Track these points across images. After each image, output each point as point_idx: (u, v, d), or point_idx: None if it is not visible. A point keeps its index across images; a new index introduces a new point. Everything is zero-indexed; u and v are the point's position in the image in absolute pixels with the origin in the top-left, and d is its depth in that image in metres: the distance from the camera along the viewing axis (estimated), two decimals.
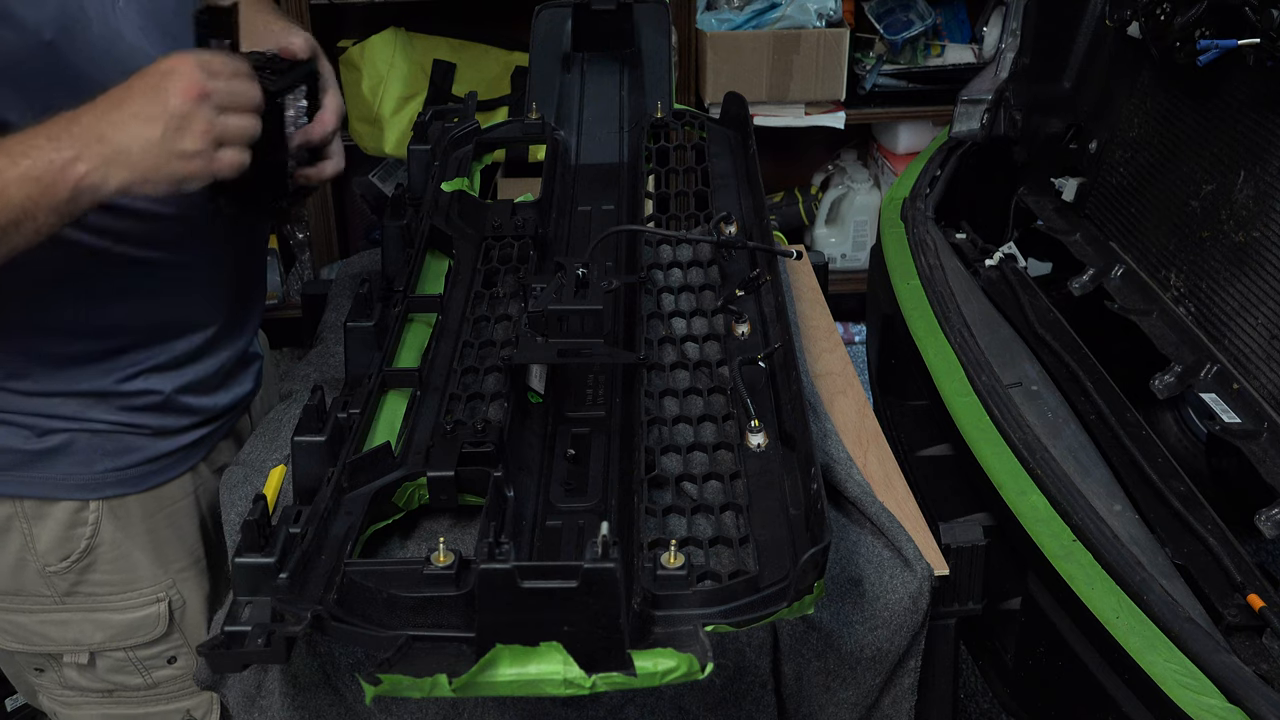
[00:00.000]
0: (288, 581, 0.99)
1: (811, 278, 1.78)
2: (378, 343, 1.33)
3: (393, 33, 3.19)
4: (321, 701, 1.17)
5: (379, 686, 0.89)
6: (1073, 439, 1.59)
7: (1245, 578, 1.35)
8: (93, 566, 1.33)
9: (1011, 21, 2.15)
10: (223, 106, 1.09)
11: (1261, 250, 1.64)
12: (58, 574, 1.32)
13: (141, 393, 1.32)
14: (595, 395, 1.30)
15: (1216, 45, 1.64)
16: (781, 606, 0.95)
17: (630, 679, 0.90)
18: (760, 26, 3.18)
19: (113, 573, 1.34)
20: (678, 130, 1.73)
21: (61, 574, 1.32)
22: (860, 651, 1.19)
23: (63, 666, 1.38)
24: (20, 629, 1.35)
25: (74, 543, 1.31)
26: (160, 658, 1.40)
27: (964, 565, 1.28)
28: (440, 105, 1.83)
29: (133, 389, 1.31)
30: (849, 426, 1.43)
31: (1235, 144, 1.73)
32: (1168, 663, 1.23)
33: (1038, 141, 2.14)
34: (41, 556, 1.31)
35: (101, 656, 1.37)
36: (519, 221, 1.51)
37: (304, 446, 1.16)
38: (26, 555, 1.30)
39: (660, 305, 1.39)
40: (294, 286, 3.46)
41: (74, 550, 1.31)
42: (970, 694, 2.30)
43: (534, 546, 1.11)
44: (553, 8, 1.89)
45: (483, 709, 1.17)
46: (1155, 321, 1.79)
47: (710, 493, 1.12)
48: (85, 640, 1.36)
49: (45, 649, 1.37)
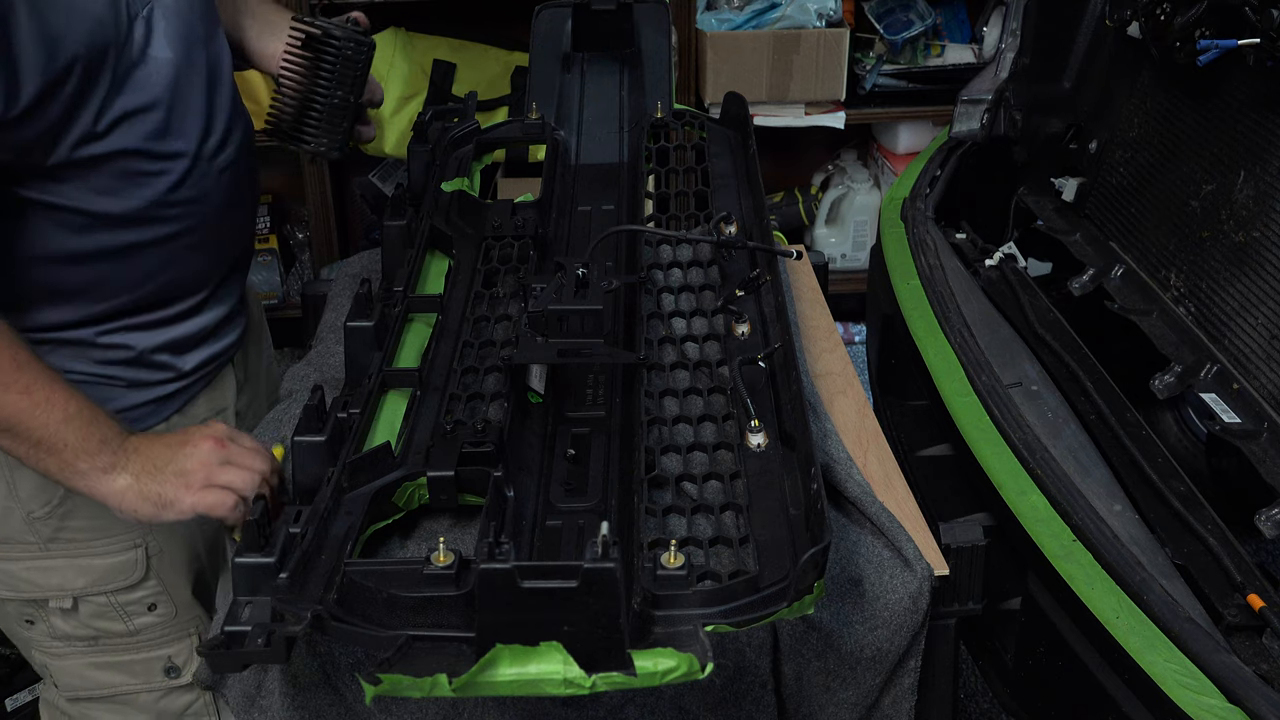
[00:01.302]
0: (288, 581, 0.99)
1: (811, 278, 1.78)
2: (378, 343, 1.33)
3: (393, 33, 3.18)
4: (321, 701, 1.17)
5: (379, 686, 0.89)
6: (1073, 439, 1.59)
7: (1245, 578, 1.35)
8: (73, 513, 1.38)
9: (1011, 21, 2.15)
10: (231, 460, 1.22)
11: (1261, 250, 1.64)
12: (41, 520, 1.38)
13: (116, 346, 1.37)
14: (595, 395, 1.30)
15: (1216, 45, 1.64)
16: (781, 606, 0.95)
17: (630, 679, 0.90)
18: (760, 26, 3.18)
19: (91, 518, 1.38)
20: (678, 130, 1.73)
21: (44, 520, 1.37)
22: (860, 651, 1.19)
23: (49, 614, 1.44)
24: (9, 576, 1.42)
25: (54, 488, 1.35)
26: (140, 604, 1.45)
27: (964, 565, 1.28)
28: (440, 105, 1.83)
29: (109, 342, 1.36)
30: (849, 426, 1.43)
31: (1235, 144, 1.73)
32: (1168, 663, 1.23)
33: (1038, 141, 2.14)
34: (25, 503, 1.36)
35: (84, 602, 1.43)
36: (519, 221, 1.51)
37: (304, 446, 1.16)
38: (11, 503, 1.36)
39: (660, 305, 1.39)
40: (294, 286, 3.46)
41: (54, 495, 1.36)
42: (970, 694, 2.30)
43: (534, 546, 1.11)
44: (553, 8, 1.89)
45: (483, 709, 1.17)
46: (1155, 321, 1.79)
47: (710, 493, 1.12)
48: (69, 586, 1.41)
49: (32, 595, 1.43)
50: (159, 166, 1.30)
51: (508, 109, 3.16)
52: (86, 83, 1.20)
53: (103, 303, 1.35)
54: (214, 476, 1.21)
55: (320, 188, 3.36)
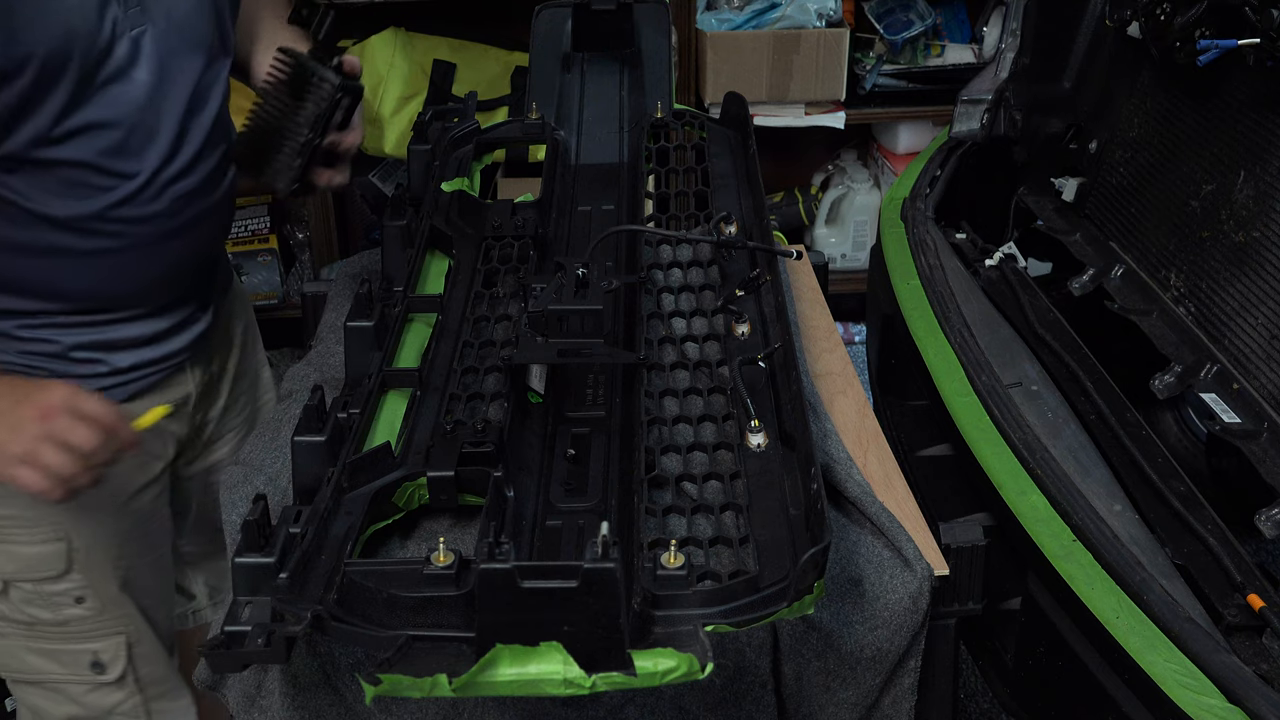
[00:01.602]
0: (288, 581, 0.99)
1: (811, 278, 1.78)
2: (378, 343, 1.33)
3: (393, 33, 3.18)
4: (321, 701, 1.17)
5: (379, 686, 0.89)
6: (1073, 439, 1.59)
7: (1245, 578, 1.35)
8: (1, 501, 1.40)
9: (1011, 21, 2.15)
10: (54, 435, 1.19)
11: (1261, 250, 1.64)
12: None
13: (38, 340, 1.37)
14: (595, 395, 1.30)
15: (1216, 45, 1.64)
16: (781, 606, 0.95)
17: (630, 679, 0.90)
18: (760, 26, 3.18)
19: (15, 508, 1.40)
20: (678, 130, 1.73)
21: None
22: (860, 651, 1.19)
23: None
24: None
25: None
26: (66, 595, 1.47)
27: (964, 565, 1.28)
28: (440, 105, 1.83)
29: (30, 336, 1.37)
30: (849, 426, 1.43)
31: (1235, 144, 1.73)
32: (1168, 663, 1.23)
33: (1038, 141, 2.14)
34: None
35: (14, 587, 1.46)
36: (519, 221, 1.51)
37: (304, 446, 1.16)
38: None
39: (660, 305, 1.39)
40: (294, 286, 3.46)
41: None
42: (970, 694, 2.30)
43: (534, 546, 1.11)
44: (553, 8, 1.89)
45: (483, 709, 1.17)
46: (1155, 321, 1.79)
47: (710, 493, 1.12)
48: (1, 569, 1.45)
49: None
50: (108, 182, 1.31)
51: (508, 109, 3.16)
52: (42, 85, 1.20)
53: (27, 298, 1.35)
54: (31, 453, 1.18)
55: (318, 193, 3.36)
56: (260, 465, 1.34)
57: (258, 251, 3.42)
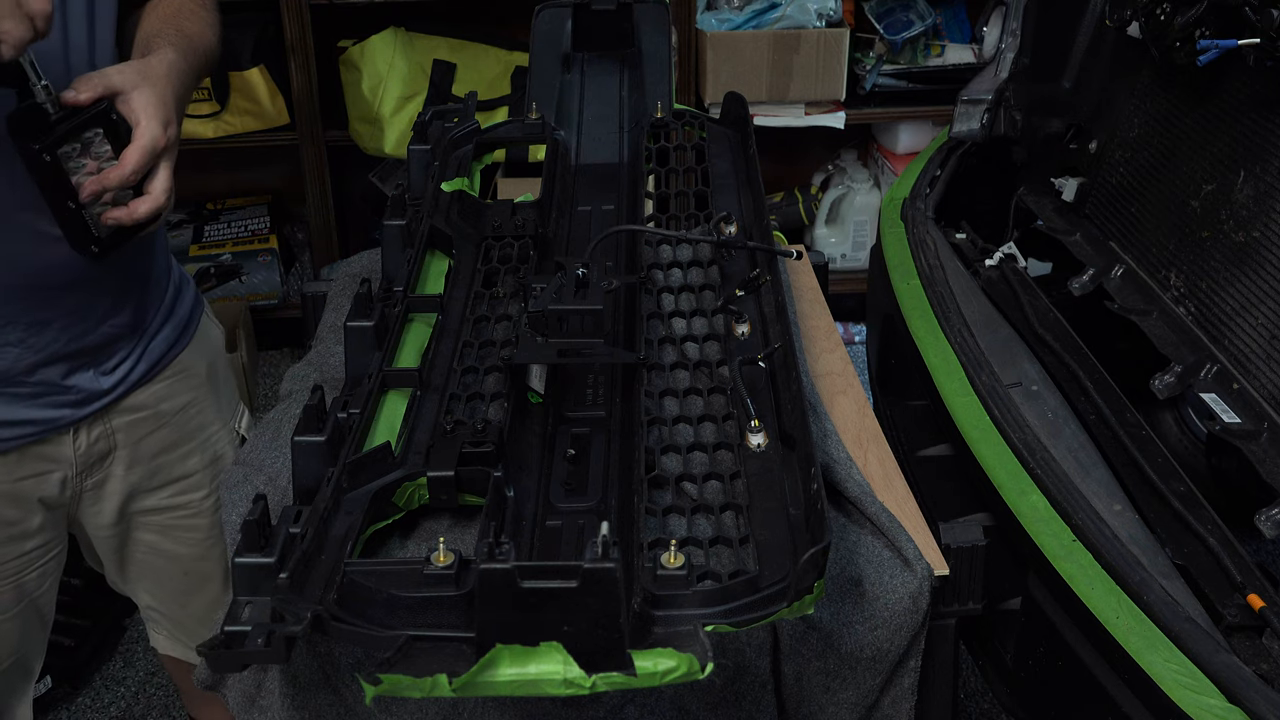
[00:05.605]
0: (288, 581, 0.99)
1: (811, 278, 1.78)
2: (378, 343, 1.33)
3: (393, 33, 3.19)
4: (321, 701, 1.17)
5: (379, 686, 0.89)
6: (1073, 439, 1.59)
7: (1245, 578, 1.35)
8: None
9: (1011, 21, 2.15)
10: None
11: (1261, 250, 1.64)
12: None
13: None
14: (595, 395, 1.30)
15: (1216, 45, 1.64)
16: (781, 606, 0.95)
17: (630, 679, 0.90)
18: (760, 26, 3.18)
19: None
20: (678, 130, 1.73)
21: None
22: (860, 651, 1.19)
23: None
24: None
25: None
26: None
27: (964, 565, 1.28)
28: (440, 105, 1.83)
29: None
30: (849, 426, 1.43)
31: (1235, 144, 1.73)
32: (1168, 663, 1.23)
33: (1038, 141, 2.14)
34: None
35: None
36: (519, 221, 1.51)
37: (304, 446, 1.16)
38: None
39: (660, 305, 1.39)
40: (294, 286, 3.47)
41: None
42: (970, 694, 2.30)
43: (534, 546, 1.11)
44: (553, 8, 1.89)
45: (483, 709, 1.17)
46: (1155, 321, 1.79)
47: (710, 493, 1.12)
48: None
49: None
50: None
51: (508, 109, 3.16)
52: None
53: None
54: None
55: (320, 188, 3.37)
56: (260, 465, 1.34)
57: (258, 251, 3.43)
